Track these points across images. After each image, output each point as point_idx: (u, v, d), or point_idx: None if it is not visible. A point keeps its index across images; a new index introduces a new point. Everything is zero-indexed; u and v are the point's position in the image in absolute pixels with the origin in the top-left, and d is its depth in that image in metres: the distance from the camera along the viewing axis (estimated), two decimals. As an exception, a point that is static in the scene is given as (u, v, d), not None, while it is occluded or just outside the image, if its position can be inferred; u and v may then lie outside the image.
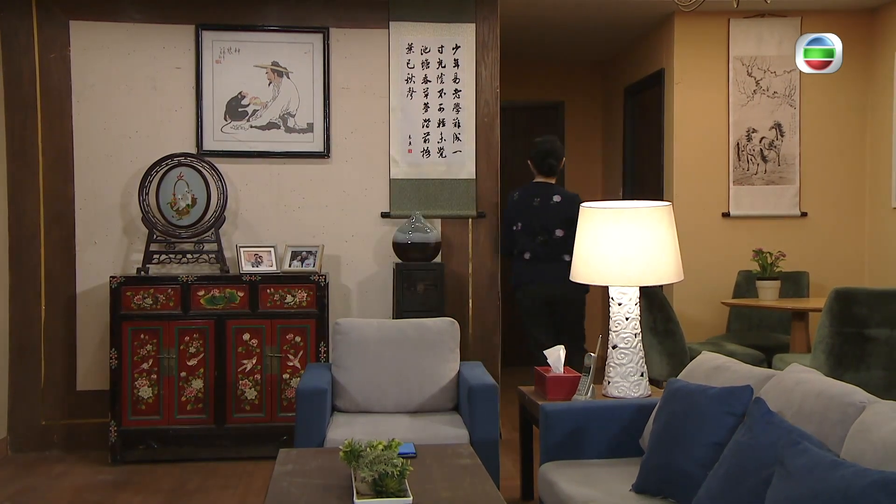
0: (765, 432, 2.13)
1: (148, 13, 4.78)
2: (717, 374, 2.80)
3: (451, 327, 3.93)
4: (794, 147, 5.63)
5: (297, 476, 2.63)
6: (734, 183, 5.67)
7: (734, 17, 5.54)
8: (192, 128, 4.83)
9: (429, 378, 3.82)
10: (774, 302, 4.94)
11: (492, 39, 4.98)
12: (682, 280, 3.52)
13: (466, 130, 4.96)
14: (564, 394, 3.53)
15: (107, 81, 4.76)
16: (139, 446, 4.45)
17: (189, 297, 4.49)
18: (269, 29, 4.86)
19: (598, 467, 2.95)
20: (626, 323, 3.49)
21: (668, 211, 3.43)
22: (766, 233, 5.59)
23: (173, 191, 4.68)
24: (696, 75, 5.66)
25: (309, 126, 4.88)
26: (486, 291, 5.03)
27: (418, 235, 4.67)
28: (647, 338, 4.76)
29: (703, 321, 5.66)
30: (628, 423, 3.13)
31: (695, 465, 2.43)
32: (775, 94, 5.62)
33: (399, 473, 2.37)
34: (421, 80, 4.92)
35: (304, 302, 4.55)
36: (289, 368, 4.54)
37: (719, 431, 2.43)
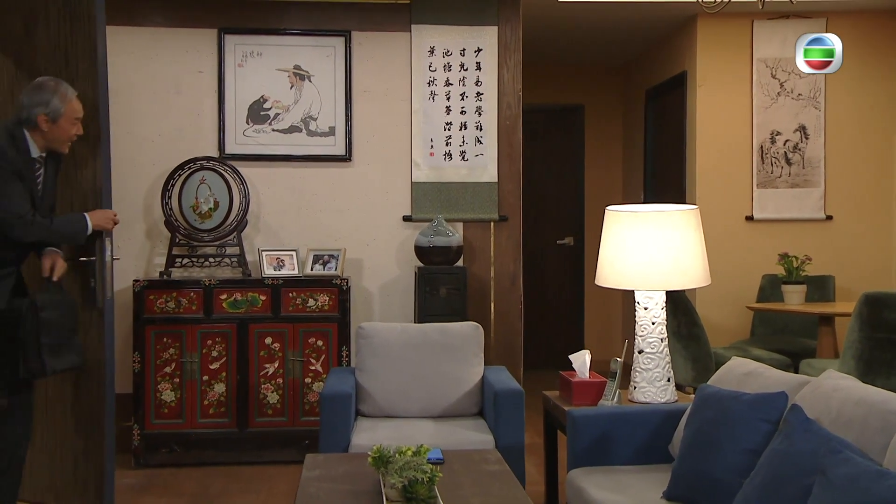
0: (803, 440, 2.09)
1: (171, 17, 4.80)
2: (748, 380, 2.76)
3: (476, 331, 3.90)
4: (818, 149, 5.57)
5: (324, 481, 2.61)
6: (757, 186, 5.62)
7: (758, 19, 5.49)
8: (215, 131, 4.83)
9: (453, 382, 3.79)
10: (801, 306, 4.88)
11: (514, 42, 4.96)
12: (707, 284, 3.48)
13: (488, 133, 4.94)
14: (590, 399, 3.50)
15: (130, 86, 4.77)
16: (162, 450, 4.45)
17: (211, 300, 4.49)
18: (291, 32, 4.86)
19: (627, 474, 2.92)
20: (653, 327, 3.45)
21: (695, 214, 3.39)
22: (790, 236, 5.53)
23: (196, 194, 4.69)
24: (719, 77, 5.62)
25: (331, 129, 4.88)
26: (507, 295, 5.00)
27: (440, 239, 4.65)
28: (671, 342, 4.70)
29: (727, 325, 5.61)
30: (656, 429, 3.09)
31: (729, 473, 2.40)
32: (800, 97, 5.56)
33: (429, 480, 2.34)
34: (443, 83, 4.91)
35: (325, 306, 4.53)
36: (311, 372, 4.53)
37: (754, 438, 2.39)
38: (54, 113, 3.22)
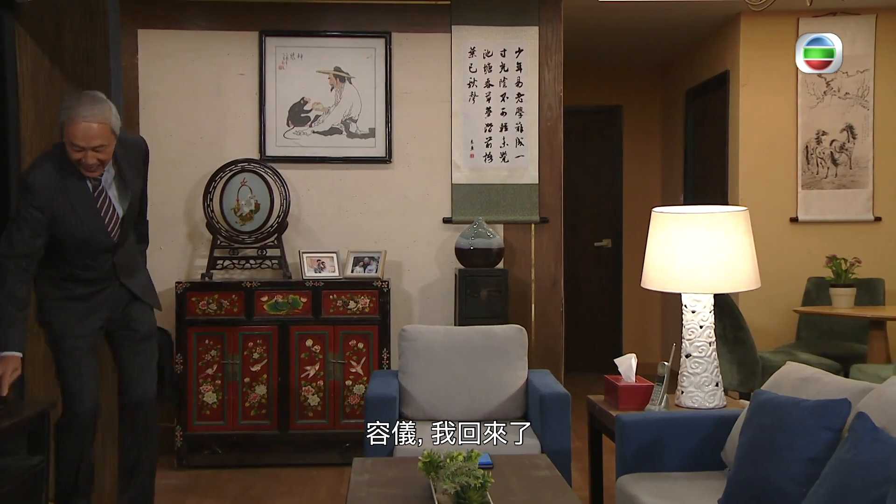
0: (872, 450, 2.02)
1: (213, 20, 4.82)
2: (806, 386, 2.69)
3: (520, 334, 3.86)
4: (866, 150, 5.45)
5: (374, 486, 2.59)
6: (803, 187, 5.52)
7: (803, 17, 5.38)
8: (256, 134, 4.85)
9: (497, 386, 3.76)
10: (851, 310, 4.78)
11: (555, 42, 4.91)
12: (757, 287, 3.41)
13: (529, 135, 4.89)
14: (636, 404, 3.44)
15: (172, 89, 4.81)
16: (204, 451, 4.47)
17: (252, 302, 4.50)
18: (332, 34, 4.86)
19: (679, 480, 2.86)
20: (700, 331, 3.39)
21: (744, 216, 3.33)
22: (836, 238, 5.42)
23: (237, 196, 4.70)
24: (762, 77, 5.52)
25: (371, 131, 4.87)
26: (548, 298, 4.95)
27: (481, 241, 4.61)
28: (716, 346, 4.62)
29: (771, 329, 5.50)
30: (707, 435, 3.03)
31: (789, 482, 2.33)
32: (847, 96, 5.44)
33: (481, 486, 2.31)
34: (483, 85, 4.88)
35: (366, 308, 4.52)
36: (351, 375, 4.52)
37: (814, 447, 2.33)
38: (61, 129, 3.01)
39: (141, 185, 3.36)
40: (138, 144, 3.39)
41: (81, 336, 3.21)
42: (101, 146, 3.01)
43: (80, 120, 2.95)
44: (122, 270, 3.28)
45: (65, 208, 3.06)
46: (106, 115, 3.01)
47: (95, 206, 3.13)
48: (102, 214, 3.16)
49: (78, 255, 3.17)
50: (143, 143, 3.43)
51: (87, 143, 2.98)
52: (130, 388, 3.37)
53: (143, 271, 3.45)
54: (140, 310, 3.36)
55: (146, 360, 3.39)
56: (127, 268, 3.31)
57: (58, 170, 3.05)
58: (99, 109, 2.99)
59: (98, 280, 3.24)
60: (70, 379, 3.22)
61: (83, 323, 3.21)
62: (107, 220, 3.17)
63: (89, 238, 3.14)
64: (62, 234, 3.09)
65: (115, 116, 3.08)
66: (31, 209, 3.00)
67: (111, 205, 3.19)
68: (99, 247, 3.18)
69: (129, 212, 3.25)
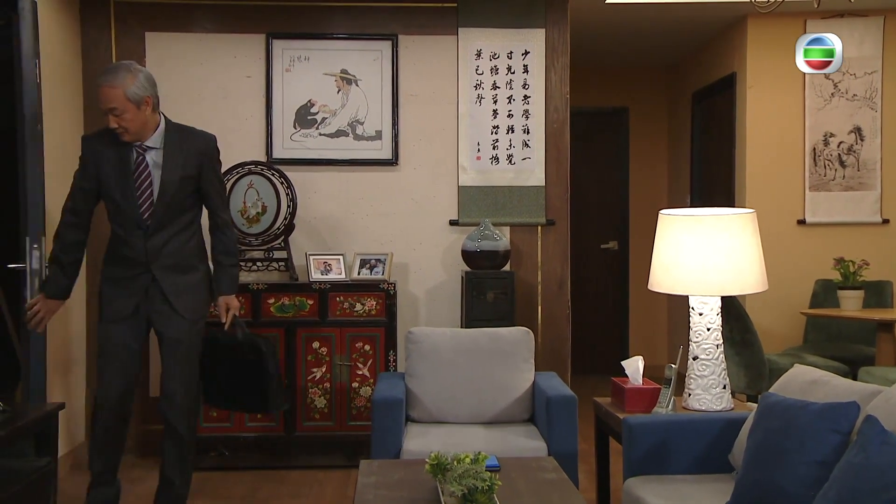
0: (881, 453, 2.01)
1: (220, 23, 4.83)
2: (814, 389, 2.68)
3: (526, 337, 3.86)
4: (874, 151, 5.43)
5: (381, 488, 2.59)
6: (810, 189, 5.50)
7: (811, 18, 5.37)
8: (262, 136, 4.86)
9: (503, 388, 3.75)
10: (859, 312, 4.76)
11: (562, 44, 4.91)
12: (764, 290, 3.40)
13: (536, 137, 4.89)
14: (643, 406, 3.43)
15: (179, 91, 4.81)
16: (211, 453, 4.48)
17: (259, 304, 4.50)
18: (338, 37, 4.87)
19: (687, 483, 2.85)
20: (708, 333, 3.39)
21: (752, 218, 3.32)
22: (844, 240, 5.40)
23: (244, 199, 4.71)
24: (769, 79, 5.51)
25: (377, 133, 4.87)
26: (555, 300, 4.95)
27: (487, 243, 4.61)
28: (724, 348, 4.61)
29: (778, 332, 5.49)
30: (715, 438, 3.02)
31: (797, 485, 2.32)
32: (855, 97, 5.43)
33: (488, 488, 2.31)
34: (490, 87, 4.88)
35: (373, 310, 4.52)
36: (358, 377, 4.52)
37: (823, 450, 2.32)
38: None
39: (185, 175, 3.37)
40: (200, 137, 3.49)
41: (115, 322, 3.34)
42: (115, 109, 3.21)
43: (98, 85, 3.27)
44: (154, 258, 3.33)
45: (107, 170, 3.30)
46: (120, 81, 3.21)
47: (132, 176, 3.29)
48: (136, 185, 3.30)
49: (119, 227, 3.35)
50: (207, 138, 3.50)
51: (103, 105, 3.23)
52: (161, 390, 3.47)
53: (189, 276, 3.42)
54: (166, 312, 3.37)
55: (172, 366, 3.41)
56: (163, 260, 3.34)
57: (109, 135, 3.29)
58: (113, 76, 3.23)
59: (134, 263, 3.33)
60: (99, 365, 3.41)
61: (116, 307, 3.34)
62: (138, 193, 3.30)
63: (123, 205, 3.30)
64: (105, 196, 3.35)
65: (136, 85, 3.24)
66: (81, 169, 3.36)
67: (149, 181, 3.32)
68: (130, 219, 3.30)
69: (162, 193, 3.32)
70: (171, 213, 3.34)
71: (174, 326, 3.38)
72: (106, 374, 3.36)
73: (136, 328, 3.38)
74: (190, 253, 3.42)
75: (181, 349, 3.40)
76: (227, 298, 3.55)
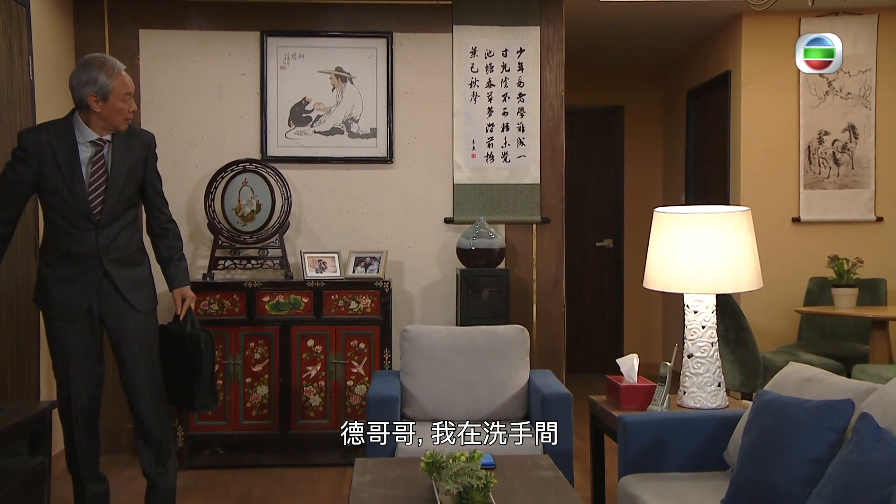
0: (876, 450, 2.02)
1: (214, 21, 4.82)
2: (809, 387, 2.68)
3: (521, 335, 3.86)
4: (868, 150, 5.44)
5: (376, 486, 2.59)
6: (805, 187, 5.51)
7: (805, 17, 5.38)
8: (257, 134, 4.84)
9: (498, 386, 3.75)
10: (853, 310, 4.77)
11: (556, 42, 4.90)
12: (759, 287, 3.41)
13: (530, 135, 4.89)
14: (638, 404, 3.44)
15: (174, 89, 4.80)
16: (206, 451, 4.47)
17: (254, 303, 4.49)
18: (333, 34, 4.86)
19: (682, 481, 2.86)
20: (703, 331, 3.38)
21: (746, 216, 3.32)
22: (838, 238, 5.41)
23: (238, 197, 4.70)
24: (764, 77, 5.52)
25: (372, 131, 4.86)
26: (550, 298, 4.95)
27: (482, 241, 4.61)
28: (718, 346, 4.62)
29: (772, 329, 5.50)
30: (710, 436, 3.02)
31: (792, 483, 2.33)
32: (849, 96, 5.44)
33: (484, 486, 2.31)
34: (485, 85, 4.87)
35: (367, 308, 4.52)
36: (353, 375, 4.52)
37: (818, 447, 2.32)
38: (103, 90, 3.13)
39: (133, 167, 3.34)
40: (141, 131, 3.47)
41: (69, 320, 3.24)
42: (132, 94, 3.27)
43: (120, 69, 3.21)
44: (105, 252, 3.25)
45: (53, 164, 3.16)
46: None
47: (81, 168, 3.19)
48: (90, 178, 3.21)
49: (64, 220, 3.21)
50: (148, 133, 3.50)
51: (129, 88, 3.23)
52: (127, 390, 3.40)
53: (137, 270, 3.38)
54: (120, 307, 3.30)
55: (135, 365, 3.34)
56: (113, 254, 3.27)
57: (54, 129, 3.21)
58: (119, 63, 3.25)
59: (83, 257, 3.23)
60: (58, 367, 3.31)
61: (67, 305, 3.24)
62: (91, 187, 3.21)
63: (68, 198, 3.18)
64: (45, 190, 3.20)
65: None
66: (18, 162, 3.18)
67: (102, 172, 3.23)
68: (78, 212, 3.20)
69: (114, 185, 3.25)
70: (120, 206, 3.29)
71: (131, 321, 3.31)
72: (71, 376, 3.26)
73: (91, 325, 3.29)
74: (136, 248, 3.40)
75: (143, 347, 3.34)
76: (182, 290, 3.51)
